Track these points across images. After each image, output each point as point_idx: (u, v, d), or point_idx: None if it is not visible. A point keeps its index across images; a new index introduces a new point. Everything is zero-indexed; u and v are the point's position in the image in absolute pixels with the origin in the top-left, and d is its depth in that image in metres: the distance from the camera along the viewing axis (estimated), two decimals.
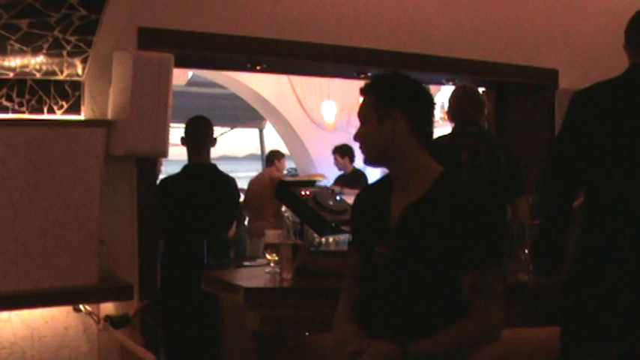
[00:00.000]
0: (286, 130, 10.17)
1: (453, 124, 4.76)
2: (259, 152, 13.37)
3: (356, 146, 2.73)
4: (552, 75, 5.40)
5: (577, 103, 3.24)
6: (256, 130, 13.10)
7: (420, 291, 2.39)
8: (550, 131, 5.31)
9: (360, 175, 8.72)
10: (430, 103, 2.53)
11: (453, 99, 4.69)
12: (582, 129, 3.16)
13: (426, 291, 2.38)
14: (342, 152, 8.79)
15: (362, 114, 2.52)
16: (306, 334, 3.52)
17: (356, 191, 3.12)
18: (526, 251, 3.74)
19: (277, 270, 3.70)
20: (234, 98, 10.55)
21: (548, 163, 3.29)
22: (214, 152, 4.95)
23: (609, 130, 3.12)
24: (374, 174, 8.02)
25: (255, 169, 10.59)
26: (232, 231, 5.73)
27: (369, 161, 2.55)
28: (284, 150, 10.18)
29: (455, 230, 2.31)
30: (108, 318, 3.76)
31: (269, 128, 11.67)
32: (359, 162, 8.33)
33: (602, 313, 3.06)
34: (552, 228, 3.23)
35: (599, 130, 3.12)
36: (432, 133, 2.52)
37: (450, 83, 5.97)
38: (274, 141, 11.56)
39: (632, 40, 3.23)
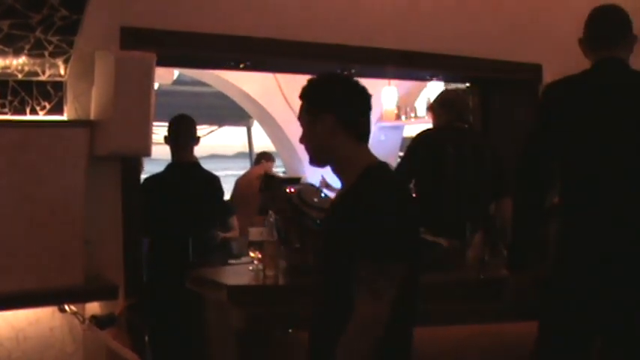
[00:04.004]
0: (273, 128, 10.14)
1: (436, 121, 4.81)
2: (247, 150, 13.35)
3: None
4: (536, 70, 5.41)
5: (548, 98, 3.28)
6: (244, 128, 13.08)
7: (324, 291, 2.51)
8: None
9: None
10: (362, 100, 2.58)
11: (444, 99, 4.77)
12: (553, 124, 3.19)
13: (330, 291, 2.48)
14: None
15: (300, 118, 2.62)
16: (290, 330, 3.54)
17: None
18: None
19: (261, 267, 3.71)
20: (222, 97, 10.51)
21: (520, 161, 3.31)
22: (203, 151, 4.97)
23: (580, 125, 3.15)
24: None
25: (245, 167, 10.57)
26: (236, 232, 5.75)
27: (312, 161, 2.64)
28: (271, 148, 10.17)
29: (355, 223, 2.35)
30: (93, 318, 3.76)
31: (257, 126, 11.64)
32: None
33: (583, 310, 3.07)
34: (523, 225, 3.26)
35: (570, 125, 3.15)
36: (368, 128, 2.57)
37: (434, 79, 6.00)
38: (262, 139, 11.54)
39: (596, 34, 3.27)
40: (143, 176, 4.59)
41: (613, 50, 3.24)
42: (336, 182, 7.83)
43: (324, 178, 8.09)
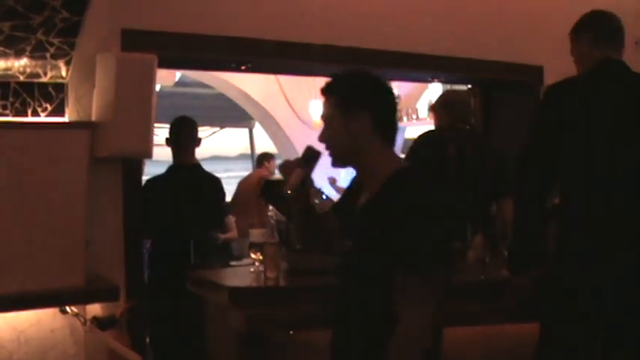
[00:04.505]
0: (275, 129, 10.17)
1: (438, 122, 4.81)
2: (249, 152, 13.36)
3: None
4: (537, 71, 5.40)
5: (549, 99, 3.28)
6: (246, 130, 13.09)
7: (357, 294, 2.39)
8: None
9: None
10: (394, 101, 2.50)
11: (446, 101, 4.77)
12: (555, 125, 3.19)
13: (363, 295, 2.36)
14: None
15: (325, 115, 2.48)
16: (291, 332, 3.54)
17: None
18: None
19: (262, 269, 3.71)
20: (223, 98, 10.54)
21: (521, 162, 3.31)
22: (205, 152, 4.97)
23: (582, 126, 3.14)
24: None
25: (247, 169, 10.58)
26: (234, 232, 5.75)
27: (336, 162, 2.50)
28: (273, 149, 10.18)
29: (390, 232, 2.25)
30: (95, 319, 3.76)
31: (258, 127, 11.66)
32: None
33: (584, 310, 3.07)
34: (524, 228, 3.25)
35: (572, 126, 3.15)
36: (396, 130, 2.48)
37: (436, 81, 6.00)
38: (264, 140, 11.55)
39: (604, 34, 3.28)
40: (144, 178, 4.59)
41: (617, 52, 3.25)
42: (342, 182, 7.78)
43: (333, 177, 8.08)
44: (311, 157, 2.56)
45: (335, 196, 4.66)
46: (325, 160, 2.57)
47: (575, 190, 3.18)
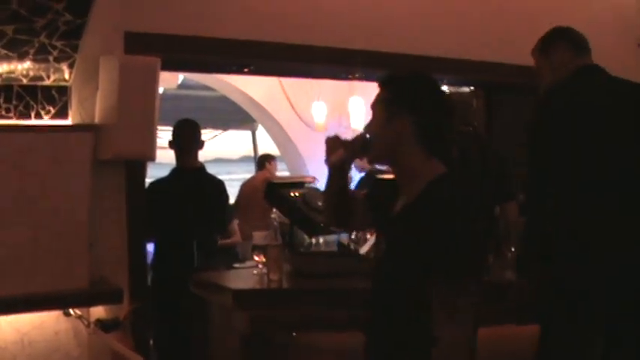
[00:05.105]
0: (277, 131, 10.17)
1: None
2: (252, 154, 13.36)
3: None
4: None
5: (545, 113, 3.28)
6: (249, 132, 13.09)
7: (385, 299, 2.35)
8: None
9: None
10: (444, 110, 2.39)
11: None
12: (556, 137, 3.18)
13: (395, 300, 2.32)
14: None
15: (372, 104, 2.44)
16: (294, 334, 3.54)
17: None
18: (512, 249, 3.77)
19: (265, 271, 3.72)
20: (226, 101, 10.54)
21: (531, 191, 3.30)
22: (208, 155, 4.97)
23: (575, 130, 3.15)
24: None
25: (250, 171, 10.58)
26: (237, 237, 5.75)
27: (373, 157, 2.49)
28: (275, 152, 10.18)
29: (426, 240, 2.20)
30: (98, 322, 3.75)
31: (261, 130, 11.67)
32: None
33: (586, 312, 3.06)
34: (534, 240, 3.25)
35: (565, 131, 3.15)
36: (440, 138, 2.39)
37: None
38: (267, 143, 11.56)
39: (578, 41, 3.30)
40: (148, 181, 4.60)
41: (590, 59, 3.29)
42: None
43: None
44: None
45: None
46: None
47: (568, 191, 3.17)
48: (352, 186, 7.60)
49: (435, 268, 2.17)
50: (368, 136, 2.45)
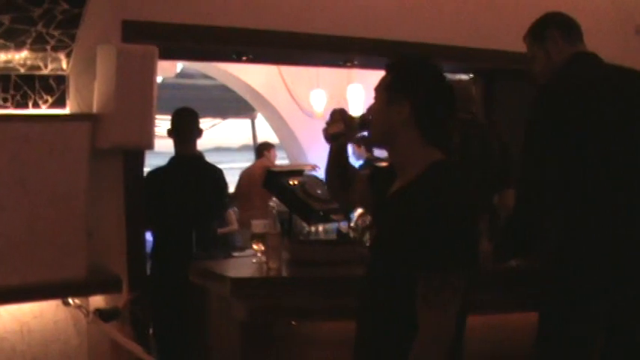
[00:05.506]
0: (277, 120, 10.16)
1: None
2: (252, 143, 13.36)
3: None
4: None
5: (544, 100, 3.25)
6: (248, 121, 13.09)
7: (378, 285, 2.34)
8: None
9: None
10: (445, 98, 2.37)
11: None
12: (553, 125, 3.16)
13: (379, 286, 2.32)
14: (358, 141, 8.70)
15: (376, 87, 2.44)
16: (293, 323, 3.54)
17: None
18: None
19: (264, 260, 3.71)
20: (225, 89, 10.53)
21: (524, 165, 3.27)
22: (208, 144, 4.97)
23: (581, 122, 3.12)
24: None
25: (250, 160, 10.59)
26: (233, 226, 5.75)
27: (371, 140, 2.50)
28: (275, 140, 10.18)
29: (414, 228, 2.18)
30: (97, 311, 3.76)
31: (261, 118, 11.66)
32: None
33: (586, 310, 3.05)
34: (523, 221, 3.22)
35: (571, 123, 3.12)
36: (440, 125, 2.37)
37: None
38: (266, 131, 11.55)
39: (571, 27, 3.28)
40: (146, 169, 4.59)
41: (584, 46, 3.27)
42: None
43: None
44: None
45: None
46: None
47: (580, 191, 3.13)
48: None
49: (420, 255, 2.16)
50: (371, 117, 2.47)
